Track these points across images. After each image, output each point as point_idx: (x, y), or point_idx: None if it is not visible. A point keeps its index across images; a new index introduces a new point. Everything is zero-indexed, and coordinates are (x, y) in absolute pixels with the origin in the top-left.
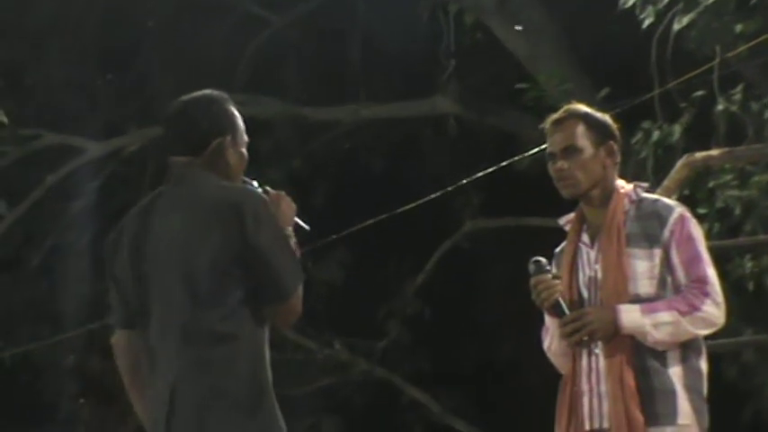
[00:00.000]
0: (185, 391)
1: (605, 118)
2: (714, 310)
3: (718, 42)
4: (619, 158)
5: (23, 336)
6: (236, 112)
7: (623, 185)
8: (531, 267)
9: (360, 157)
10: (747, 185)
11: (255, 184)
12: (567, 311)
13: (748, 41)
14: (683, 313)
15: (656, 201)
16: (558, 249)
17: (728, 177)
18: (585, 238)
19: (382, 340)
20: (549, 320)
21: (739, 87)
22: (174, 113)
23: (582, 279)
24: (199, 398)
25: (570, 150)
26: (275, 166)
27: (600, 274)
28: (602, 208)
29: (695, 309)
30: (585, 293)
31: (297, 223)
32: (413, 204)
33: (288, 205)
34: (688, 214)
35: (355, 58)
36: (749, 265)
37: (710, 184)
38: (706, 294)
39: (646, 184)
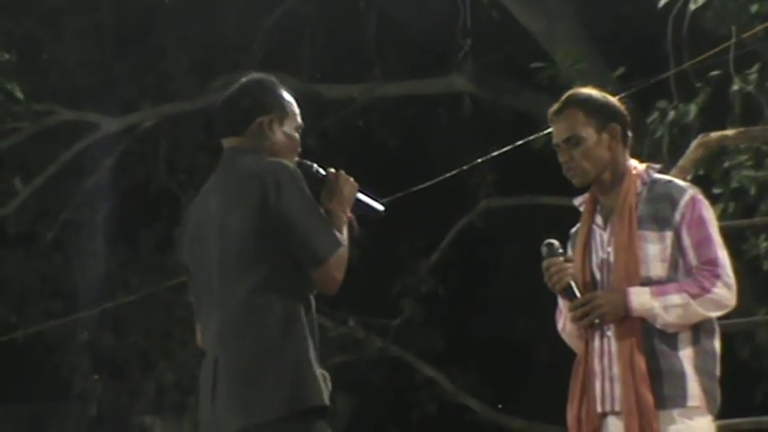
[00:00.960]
0: (225, 364)
1: (607, 100)
2: (725, 293)
3: (734, 22)
4: (629, 137)
5: (37, 312)
6: (287, 95)
7: (636, 166)
8: (544, 250)
9: (375, 134)
10: (762, 165)
11: (315, 165)
12: (578, 295)
13: (764, 21)
14: (693, 296)
15: (669, 182)
16: (573, 230)
17: (744, 157)
18: (599, 219)
19: (396, 318)
20: (562, 302)
21: (755, 67)
22: (225, 96)
23: (595, 261)
24: (236, 370)
25: (572, 141)
26: None
27: (612, 257)
28: (615, 189)
29: (706, 291)
30: (598, 275)
31: (364, 202)
32: (428, 183)
33: (347, 184)
34: (700, 196)
35: (370, 35)
36: (764, 245)
37: (725, 164)
38: (717, 276)
39: (658, 165)
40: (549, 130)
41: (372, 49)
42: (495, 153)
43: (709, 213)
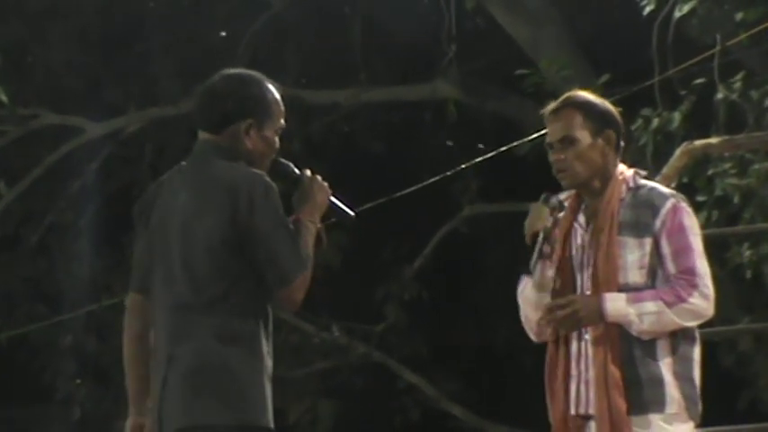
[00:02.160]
0: (179, 364)
1: (606, 105)
2: (702, 302)
3: (719, 30)
4: (621, 145)
5: (21, 315)
6: (271, 94)
7: (623, 171)
8: (541, 197)
9: (359, 140)
10: (746, 174)
11: (292, 165)
12: (541, 250)
13: (749, 29)
14: (668, 304)
15: (652, 189)
16: (562, 196)
17: (728, 165)
18: (581, 218)
19: (380, 324)
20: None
21: (739, 75)
22: (207, 87)
23: (575, 260)
24: (190, 372)
25: (567, 141)
26: None
27: (591, 260)
28: (601, 193)
29: (681, 300)
30: (578, 276)
31: (336, 206)
32: (412, 188)
33: (321, 191)
34: (682, 204)
35: (356, 41)
36: (747, 253)
37: (710, 172)
38: (694, 286)
39: (644, 172)
40: (534, 136)
41: (357, 54)
42: (479, 159)
43: (690, 222)
